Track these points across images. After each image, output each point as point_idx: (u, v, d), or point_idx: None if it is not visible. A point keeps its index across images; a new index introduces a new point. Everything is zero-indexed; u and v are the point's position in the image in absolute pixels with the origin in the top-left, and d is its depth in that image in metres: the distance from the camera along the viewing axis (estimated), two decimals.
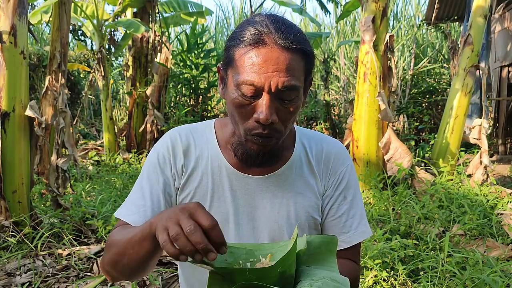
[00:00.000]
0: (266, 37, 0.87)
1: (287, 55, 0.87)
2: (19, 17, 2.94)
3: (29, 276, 2.50)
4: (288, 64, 0.86)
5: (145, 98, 7.22)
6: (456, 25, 10.71)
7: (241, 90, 0.88)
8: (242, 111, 0.90)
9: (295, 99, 0.90)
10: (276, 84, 0.86)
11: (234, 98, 0.90)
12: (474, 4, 4.66)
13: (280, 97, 0.88)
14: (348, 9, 6.49)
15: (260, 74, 0.86)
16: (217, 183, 1.01)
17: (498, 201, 3.64)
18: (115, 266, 0.89)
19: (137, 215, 0.97)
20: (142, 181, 1.02)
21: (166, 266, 2.58)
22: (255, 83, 0.86)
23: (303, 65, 0.90)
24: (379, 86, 4.06)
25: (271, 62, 0.86)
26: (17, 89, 2.96)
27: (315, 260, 0.81)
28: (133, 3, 7.03)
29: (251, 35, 0.88)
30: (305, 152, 1.06)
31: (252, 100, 0.88)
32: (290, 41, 0.87)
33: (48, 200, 3.72)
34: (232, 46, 0.91)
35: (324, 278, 0.74)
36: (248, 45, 0.87)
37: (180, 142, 1.03)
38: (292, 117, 0.92)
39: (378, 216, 3.21)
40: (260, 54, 0.86)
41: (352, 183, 1.07)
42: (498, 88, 7.25)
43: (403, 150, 4.11)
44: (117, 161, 6.72)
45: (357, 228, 1.05)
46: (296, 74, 0.88)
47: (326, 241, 0.83)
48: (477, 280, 2.07)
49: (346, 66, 10.10)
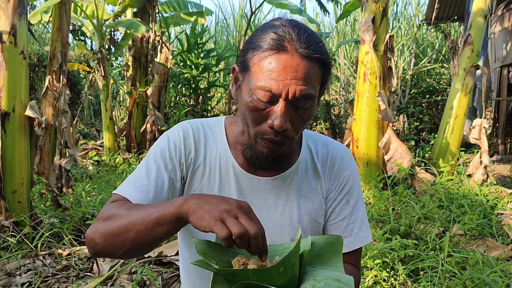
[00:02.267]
0: (288, 44, 0.86)
1: (306, 64, 0.86)
2: (19, 17, 2.94)
3: (29, 276, 2.50)
4: (306, 73, 0.86)
5: (145, 98, 7.22)
6: (456, 25, 10.71)
7: (257, 95, 0.87)
8: (256, 115, 0.90)
9: (310, 107, 0.90)
10: (293, 92, 0.85)
11: (249, 102, 0.89)
12: (474, 4, 4.66)
13: (295, 105, 0.88)
14: (348, 9, 6.49)
15: (278, 81, 0.85)
16: (224, 181, 1.01)
17: (498, 201, 3.64)
18: (111, 239, 0.84)
19: (139, 193, 0.94)
20: (149, 162, 0.99)
21: (166, 266, 2.58)
22: (273, 89, 0.86)
23: (320, 74, 0.90)
24: (379, 86, 4.06)
25: (291, 70, 0.85)
26: (17, 89, 2.96)
27: (320, 261, 0.81)
28: (133, 3, 7.03)
29: (272, 40, 0.87)
30: (311, 155, 1.06)
31: (268, 105, 0.88)
32: (312, 50, 0.86)
33: (48, 200, 3.72)
34: (251, 50, 0.90)
35: (327, 278, 0.75)
36: (268, 50, 0.87)
37: (192, 134, 1.02)
38: (304, 125, 0.93)
39: (378, 216, 3.21)
40: (280, 60, 0.86)
41: (355, 188, 1.07)
42: (498, 88, 7.25)
43: (403, 150, 4.11)
44: (117, 161, 6.72)
45: (358, 233, 1.05)
46: (313, 84, 0.88)
47: (331, 241, 0.83)
48: (477, 280, 2.07)
49: (346, 66, 10.10)
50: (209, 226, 0.71)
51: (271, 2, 7.48)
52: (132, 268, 2.51)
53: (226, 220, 0.71)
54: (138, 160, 6.76)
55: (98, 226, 0.88)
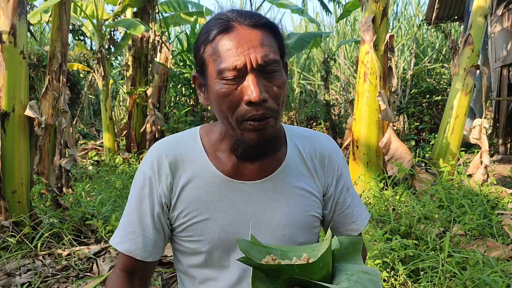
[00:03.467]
0: (233, 22, 0.88)
1: (258, 32, 0.88)
2: (18, 17, 2.93)
3: (29, 276, 2.50)
4: (261, 40, 0.87)
5: (145, 98, 7.21)
6: (456, 25, 10.71)
7: (224, 78, 0.87)
8: (230, 100, 0.88)
9: (278, 72, 0.89)
10: (255, 59, 0.85)
11: (219, 90, 0.88)
12: (474, 4, 4.65)
13: (263, 72, 0.87)
14: (348, 9, 6.49)
15: (238, 55, 0.86)
16: (211, 193, 0.98)
17: (498, 201, 3.63)
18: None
19: (128, 243, 0.99)
20: (130, 206, 1.01)
21: (166, 266, 2.58)
22: (237, 65, 0.85)
23: (275, 41, 0.91)
24: (379, 86, 4.06)
25: (245, 41, 0.86)
26: (17, 89, 2.95)
27: (344, 259, 0.87)
28: (133, 3, 7.02)
29: (217, 26, 0.89)
30: (298, 152, 1.04)
31: (237, 84, 0.87)
32: (256, 19, 0.89)
33: (48, 200, 3.71)
34: (202, 46, 0.91)
35: (357, 271, 0.81)
36: (217, 35, 0.88)
37: (165, 158, 0.99)
38: (281, 92, 0.90)
39: (378, 216, 3.20)
40: (232, 37, 0.87)
41: (347, 173, 1.11)
42: (498, 88, 7.25)
43: (404, 150, 4.10)
44: (117, 161, 6.72)
45: (361, 214, 1.12)
46: (272, 48, 0.89)
47: (354, 241, 0.90)
48: (477, 280, 2.06)
49: (346, 66, 10.10)
50: None
51: (272, 2, 7.47)
52: None
53: None
54: (138, 160, 6.76)
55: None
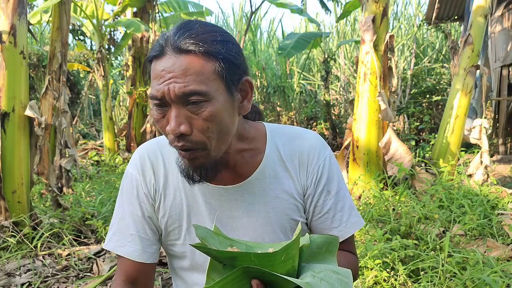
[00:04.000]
0: (165, 45, 0.83)
1: (183, 59, 0.81)
2: (18, 17, 2.93)
3: (29, 276, 2.50)
4: (184, 69, 0.80)
5: (145, 98, 7.21)
6: (456, 25, 10.71)
7: (153, 103, 0.86)
8: (160, 126, 0.87)
9: (203, 104, 0.82)
10: (173, 91, 0.80)
11: (153, 114, 0.88)
12: (474, 4, 4.65)
13: (185, 104, 0.82)
14: (348, 9, 6.49)
15: (159, 85, 0.82)
16: (191, 198, 0.98)
17: (498, 201, 3.63)
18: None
19: (127, 246, 0.98)
20: (122, 208, 1.01)
21: (166, 266, 2.58)
22: (158, 95, 0.83)
23: (209, 67, 0.82)
24: (379, 86, 4.06)
25: (168, 71, 0.81)
26: (17, 89, 2.95)
27: (315, 259, 0.80)
28: (133, 3, 7.03)
29: (155, 48, 0.85)
30: (277, 153, 1.00)
31: (164, 111, 0.85)
32: (188, 43, 0.81)
33: (48, 200, 3.71)
34: (148, 63, 0.89)
35: (325, 270, 0.74)
36: (152, 59, 0.85)
37: (148, 160, 1.00)
38: (208, 125, 0.83)
39: (378, 216, 3.20)
40: (159, 65, 0.83)
41: (334, 175, 1.01)
42: (498, 88, 7.25)
43: (404, 150, 4.10)
44: (117, 161, 6.72)
45: (348, 220, 1.02)
46: (198, 78, 0.81)
47: (328, 241, 0.82)
48: (477, 280, 2.06)
49: (346, 66, 10.09)
50: None
51: (272, 2, 7.47)
52: None
53: None
54: None
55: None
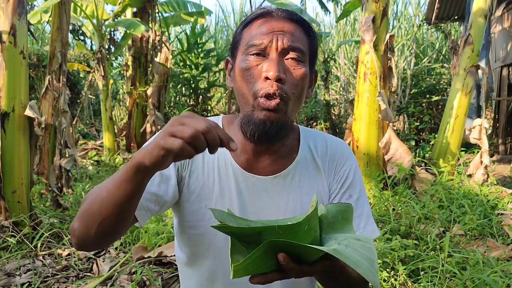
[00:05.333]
0: (272, 12, 0.96)
1: (291, 25, 0.94)
2: (18, 17, 2.93)
3: (29, 276, 2.50)
4: (293, 31, 0.93)
5: (145, 98, 7.22)
6: (456, 25, 10.70)
7: (249, 53, 0.92)
8: (250, 74, 0.92)
9: (301, 63, 0.93)
10: (282, 42, 0.91)
11: (242, 65, 0.93)
12: (474, 4, 4.65)
13: (286, 57, 0.92)
14: (348, 9, 6.47)
15: (267, 35, 0.92)
16: (224, 181, 1.00)
17: (498, 201, 3.63)
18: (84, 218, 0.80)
19: None
20: None
21: (166, 266, 2.58)
22: (264, 43, 0.91)
23: (306, 40, 0.96)
24: (379, 86, 4.06)
25: (277, 27, 0.93)
26: (17, 89, 2.95)
27: (332, 229, 0.81)
28: (133, 3, 7.02)
29: (257, 13, 0.96)
30: (310, 152, 1.06)
31: (260, 61, 0.92)
32: (294, 15, 0.96)
33: (48, 200, 3.71)
34: (240, 28, 0.99)
35: (347, 238, 0.75)
36: (254, 19, 0.96)
37: None
38: (298, 82, 0.93)
39: (378, 216, 3.20)
40: (266, 21, 0.94)
41: (357, 182, 1.06)
42: (498, 88, 7.25)
43: (404, 150, 4.10)
44: (117, 161, 6.72)
45: (365, 227, 1.04)
46: (301, 42, 0.94)
47: (342, 209, 0.83)
48: (477, 280, 2.06)
49: (346, 66, 10.09)
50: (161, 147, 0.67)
51: (271, 2, 7.47)
52: (132, 269, 2.51)
53: (174, 131, 0.67)
54: None
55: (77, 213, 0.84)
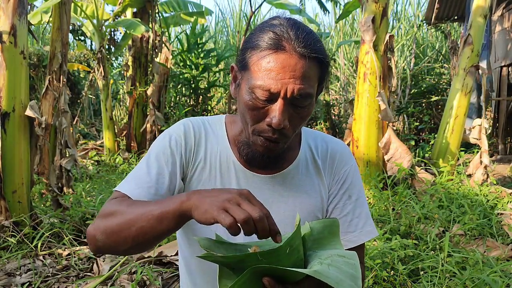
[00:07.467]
0: (286, 43, 0.87)
1: (304, 63, 0.87)
2: (19, 17, 2.94)
3: (29, 276, 2.50)
4: (304, 72, 0.87)
5: (145, 98, 7.22)
6: (456, 25, 10.70)
7: (256, 93, 0.89)
8: (254, 113, 0.91)
9: (308, 106, 0.92)
10: (292, 91, 0.87)
11: (248, 100, 0.90)
12: (474, 4, 4.66)
13: (294, 103, 0.89)
14: (348, 9, 6.48)
15: (277, 80, 0.86)
16: (225, 178, 1.02)
17: (498, 201, 3.64)
18: (113, 236, 0.84)
19: (141, 189, 0.94)
20: (149, 159, 0.99)
21: (166, 266, 2.58)
22: (272, 89, 0.87)
23: (318, 73, 0.91)
24: (379, 86, 4.06)
25: (289, 69, 0.86)
26: (17, 89, 2.96)
27: (319, 245, 0.83)
28: (133, 3, 7.02)
29: (270, 39, 0.88)
30: (310, 151, 1.07)
31: (266, 104, 0.89)
32: (309, 49, 0.87)
33: (48, 200, 3.72)
34: (250, 49, 0.91)
35: (331, 255, 0.76)
36: (266, 49, 0.88)
37: (192, 130, 1.03)
38: (302, 123, 0.95)
39: (378, 216, 3.21)
40: (278, 59, 0.87)
41: (356, 182, 1.08)
42: (498, 88, 7.25)
43: (403, 150, 4.10)
44: (117, 161, 6.72)
45: (363, 227, 1.06)
46: (311, 82, 0.90)
47: (328, 224, 0.85)
48: (477, 280, 2.07)
49: (346, 66, 10.09)
50: (213, 217, 0.72)
51: (271, 2, 7.47)
52: (132, 268, 2.51)
53: (229, 209, 0.71)
54: (138, 160, 6.75)
55: (100, 223, 0.88)
